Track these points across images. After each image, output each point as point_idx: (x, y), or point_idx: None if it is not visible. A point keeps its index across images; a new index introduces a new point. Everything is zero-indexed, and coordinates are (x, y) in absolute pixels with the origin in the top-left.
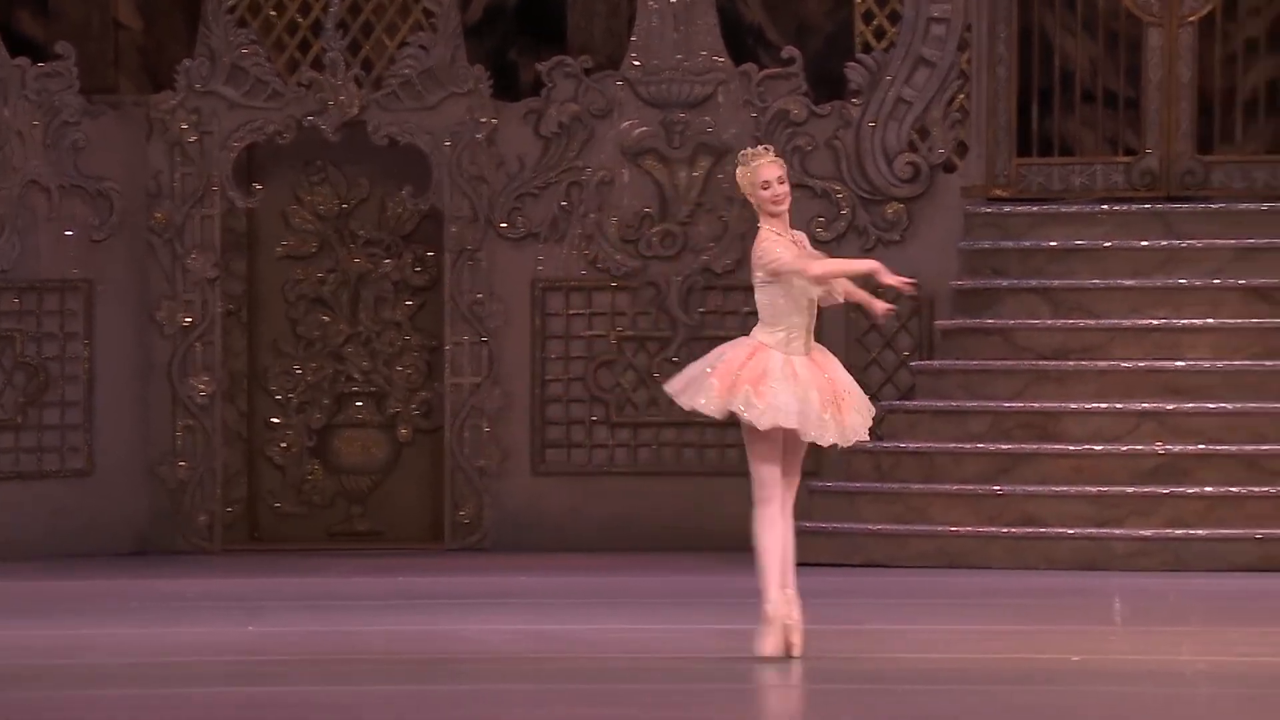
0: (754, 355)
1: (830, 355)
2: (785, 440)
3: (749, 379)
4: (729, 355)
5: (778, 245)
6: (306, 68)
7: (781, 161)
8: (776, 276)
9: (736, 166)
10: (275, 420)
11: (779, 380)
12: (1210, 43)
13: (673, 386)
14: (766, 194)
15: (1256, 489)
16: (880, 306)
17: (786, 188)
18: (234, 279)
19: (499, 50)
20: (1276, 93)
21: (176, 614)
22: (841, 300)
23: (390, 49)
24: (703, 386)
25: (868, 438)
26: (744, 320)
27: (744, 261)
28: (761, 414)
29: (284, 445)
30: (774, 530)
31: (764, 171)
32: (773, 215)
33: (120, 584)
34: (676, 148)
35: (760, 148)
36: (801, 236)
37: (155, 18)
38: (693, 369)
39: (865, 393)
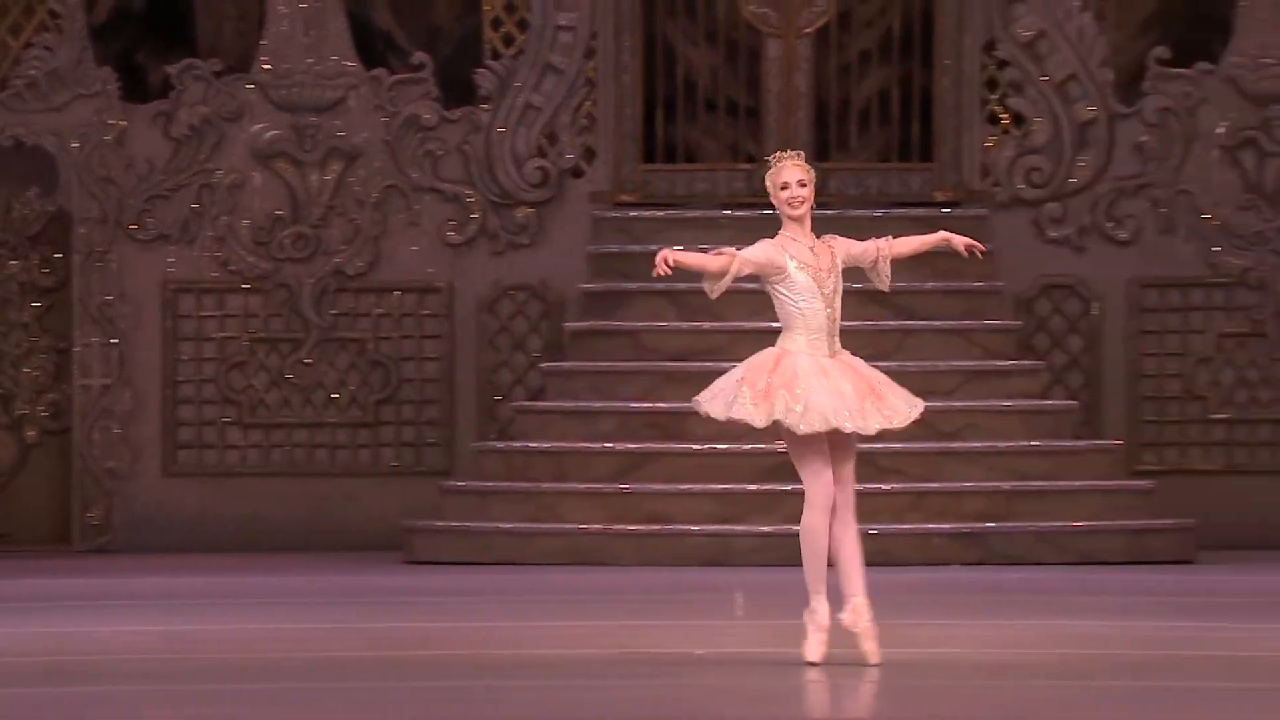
0: (780, 361)
1: (857, 359)
2: (831, 443)
3: (781, 384)
4: (756, 362)
5: (756, 245)
6: None
7: (807, 167)
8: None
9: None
10: None
11: (811, 379)
12: (826, 54)
13: (700, 397)
14: (784, 195)
15: (871, 485)
16: (961, 241)
17: (807, 192)
18: None
19: (127, 52)
20: (888, 103)
21: None
22: (888, 276)
23: (15, 50)
24: (735, 396)
25: (915, 418)
26: (376, 322)
27: (376, 264)
28: (802, 417)
29: None
30: (818, 537)
31: (784, 173)
32: (790, 219)
33: None
34: (308, 151)
35: (790, 151)
36: (837, 239)
37: None
38: (720, 381)
39: (498, 394)
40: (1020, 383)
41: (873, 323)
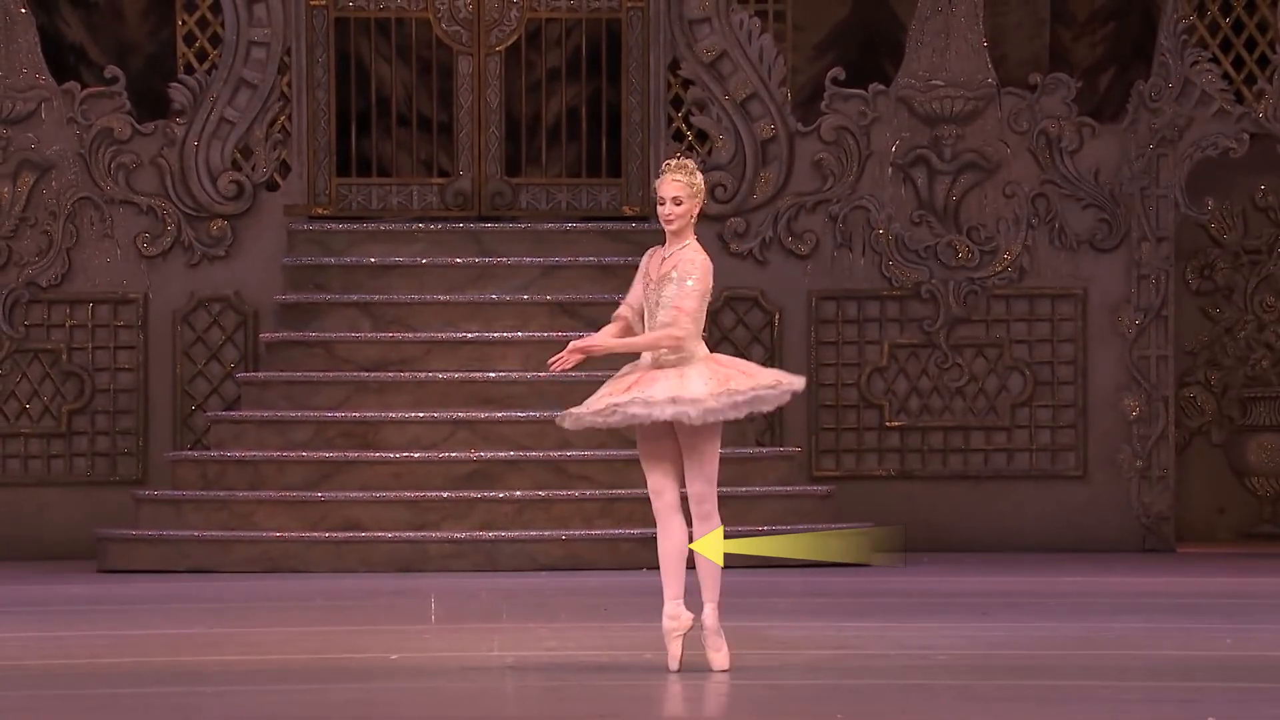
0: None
1: (661, 372)
2: (678, 440)
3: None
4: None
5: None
6: None
7: (686, 180)
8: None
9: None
10: None
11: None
12: (517, 71)
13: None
14: (659, 210)
15: (561, 492)
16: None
17: (681, 209)
18: None
19: None
20: (577, 119)
21: None
22: None
23: None
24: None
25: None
26: (69, 333)
27: (70, 275)
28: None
29: None
30: (664, 535)
31: (662, 188)
32: (668, 231)
33: None
34: (0, 163)
35: (676, 159)
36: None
37: None
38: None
39: (193, 404)
40: None
41: (563, 334)
